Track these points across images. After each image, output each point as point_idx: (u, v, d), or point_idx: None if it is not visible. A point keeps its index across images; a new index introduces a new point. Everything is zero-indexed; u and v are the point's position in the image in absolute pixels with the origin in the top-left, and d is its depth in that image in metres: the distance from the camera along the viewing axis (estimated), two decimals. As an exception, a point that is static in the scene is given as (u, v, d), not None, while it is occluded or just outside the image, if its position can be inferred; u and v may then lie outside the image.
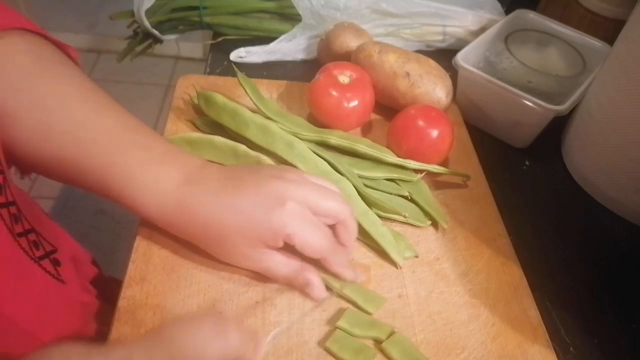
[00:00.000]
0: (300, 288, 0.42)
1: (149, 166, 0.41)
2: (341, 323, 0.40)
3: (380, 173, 0.52)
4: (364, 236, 0.47)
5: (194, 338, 0.29)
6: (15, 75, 0.39)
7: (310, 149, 0.51)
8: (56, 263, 0.43)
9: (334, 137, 0.53)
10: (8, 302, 0.36)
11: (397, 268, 0.46)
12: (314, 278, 0.42)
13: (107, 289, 0.54)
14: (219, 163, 0.48)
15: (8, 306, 0.36)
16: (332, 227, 0.42)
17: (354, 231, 0.43)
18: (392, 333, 0.40)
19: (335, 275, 0.43)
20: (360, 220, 0.47)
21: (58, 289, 0.42)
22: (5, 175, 0.37)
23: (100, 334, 0.46)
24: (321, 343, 0.40)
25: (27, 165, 0.43)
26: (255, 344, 0.34)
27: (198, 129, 0.55)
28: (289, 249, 0.41)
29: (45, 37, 0.43)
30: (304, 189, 0.40)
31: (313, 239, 0.40)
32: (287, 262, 0.42)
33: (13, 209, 0.38)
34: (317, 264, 0.42)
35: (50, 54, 0.42)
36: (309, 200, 0.40)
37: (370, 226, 0.46)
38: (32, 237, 0.41)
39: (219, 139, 0.51)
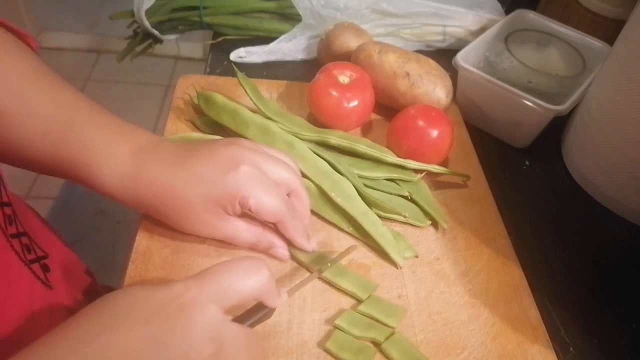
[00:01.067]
0: (264, 251, 0.44)
1: (104, 141, 0.41)
2: (339, 322, 0.40)
3: (380, 173, 0.52)
4: (364, 236, 0.47)
5: (236, 271, 0.34)
6: None
7: (310, 149, 0.51)
8: (46, 269, 0.43)
9: (334, 137, 0.53)
10: None
11: (397, 268, 0.46)
12: (277, 239, 0.43)
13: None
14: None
15: None
16: None
17: (306, 202, 0.45)
18: (391, 334, 0.40)
19: (291, 243, 0.44)
20: (360, 220, 0.47)
21: (45, 294, 0.42)
22: (0, 176, 0.37)
23: None
24: (321, 344, 0.40)
25: None
26: (279, 290, 0.37)
27: (198, 129, 0.55)
28: (249, 217, 0.42)
29: (5, 26, 0.43)
30: (257, 155, 0.41)
31: (268, 201, 0.40)
32: (249, 227, 0.43)
33: (8, 210, 0.38)
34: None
35: (7, 41, 0.42)
36: (262, 165, 0.41)
37: (370, 226, 0.46)
38: (24, 240, 0.40)
39: (219, 139, 0.51)
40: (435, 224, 0.50)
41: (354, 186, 0.49)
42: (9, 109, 0.39)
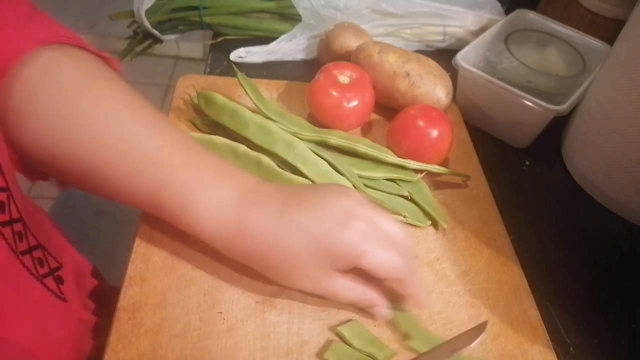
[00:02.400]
0: (365, 308, 0.42)
1: (205, 186, 0.39)
2: (342, 329, 0.40)
3: (380, 173, 0.52)
4: (364, 236, 0.47)
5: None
6: (55, 92, 0.38)
7: (310, 149, 0.51)
8: (59, 281, 0.41)
9: (334, 137, 0.53)
10: (6, 322, 0.34)
11: (397, 268, 0.46)
12: (379, 298, 0.41)
13: (107, 301, 0.52)
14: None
15: (5, 327, 0.34)
16: None
17: (413, 257, 0.41)
18: (392, 355, 0.39)
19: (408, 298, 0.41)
20: (360, 220, 0.47)
21: (59, 307, 0.41)
22: (10, 192, 0.35)
23: (96, 349, 0.45)
24: (320, 354, 0.39)
25: (56, 176, 0.42)
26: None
27: (198, 129, 0.55)
28: (352, 274, 0.39)
29: (86, 50, 0.41)
30: (369, 209, 0.39)
31: (386, 257, 0.37)
32: (353, 285, 0.40)
33: (18, 226, 0.36)
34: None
35: (95, 69, 0.41)
36: (375, 220, 0.38)
37: (370, 226, 0.46)
38: (37, 253, 0.39)
39: (219, 139, 0.51)
40: (435, 224, 0.50)
41: (354, 186, 0.49)
42: (110, 146, 0.38)
